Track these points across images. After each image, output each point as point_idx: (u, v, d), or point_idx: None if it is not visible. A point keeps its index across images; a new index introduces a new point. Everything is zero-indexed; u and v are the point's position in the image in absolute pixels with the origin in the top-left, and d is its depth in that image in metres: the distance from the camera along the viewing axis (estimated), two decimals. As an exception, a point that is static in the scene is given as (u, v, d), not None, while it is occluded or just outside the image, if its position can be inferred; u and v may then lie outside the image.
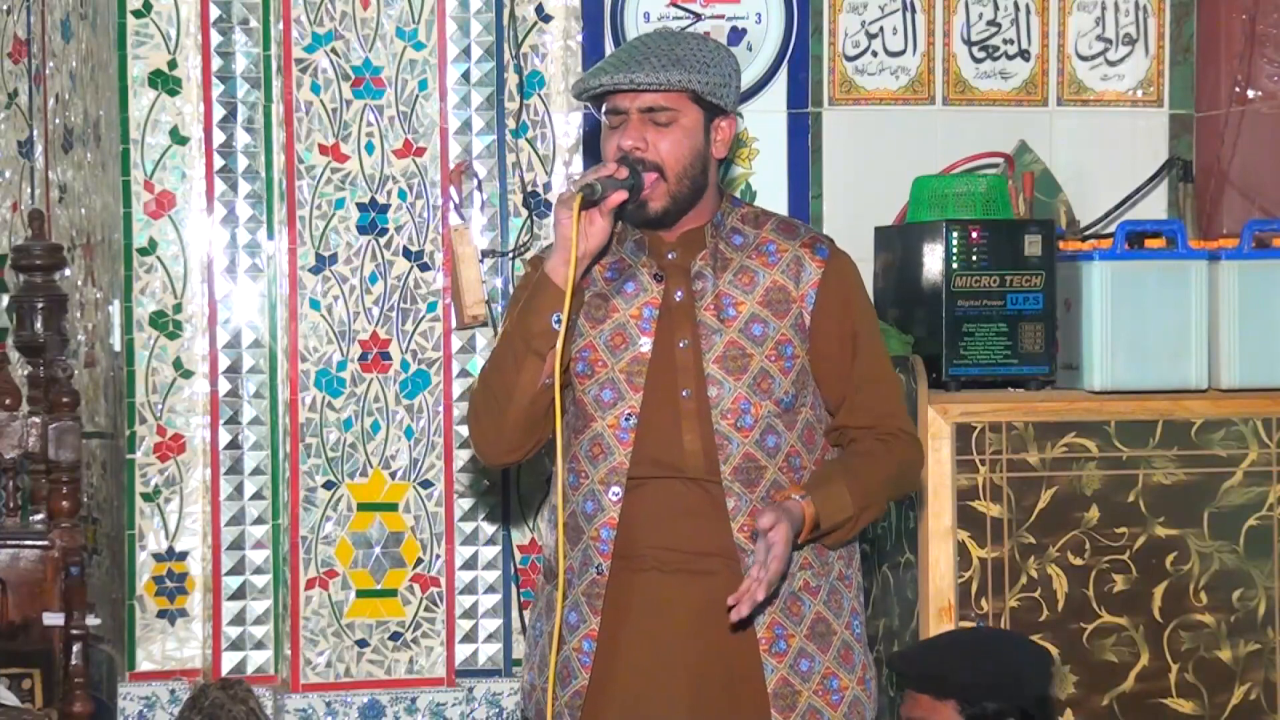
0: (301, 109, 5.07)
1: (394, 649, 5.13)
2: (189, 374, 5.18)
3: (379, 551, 5.12)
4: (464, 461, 5.19)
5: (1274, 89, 5.37)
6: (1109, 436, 4.73)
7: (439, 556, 5.14)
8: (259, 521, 5.15)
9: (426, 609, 5.14)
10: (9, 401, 4.82)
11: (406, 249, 5.12)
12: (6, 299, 5.74)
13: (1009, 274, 4.77)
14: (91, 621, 4.75)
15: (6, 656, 4.70)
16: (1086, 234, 5.27)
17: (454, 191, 5.17)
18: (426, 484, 5.13)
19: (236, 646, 5.15)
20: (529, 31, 5.25)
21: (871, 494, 3.52)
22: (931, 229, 4.80)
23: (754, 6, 5.33)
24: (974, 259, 4.75)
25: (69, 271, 5.67)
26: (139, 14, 5.14)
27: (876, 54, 5.40)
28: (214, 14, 5.11)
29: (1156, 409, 4.76)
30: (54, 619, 4.67)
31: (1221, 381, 4.80)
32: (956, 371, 4.75)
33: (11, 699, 4.60)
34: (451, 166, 5.16)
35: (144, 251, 5.16)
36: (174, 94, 5.16)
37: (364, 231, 5.11)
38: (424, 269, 5.13)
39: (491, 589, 5.22)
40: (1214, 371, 4.80)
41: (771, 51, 5.32)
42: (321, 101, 5.08)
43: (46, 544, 4.71)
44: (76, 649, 4.67)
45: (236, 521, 5.14)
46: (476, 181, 5.21)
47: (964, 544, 4.66)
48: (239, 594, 5.15)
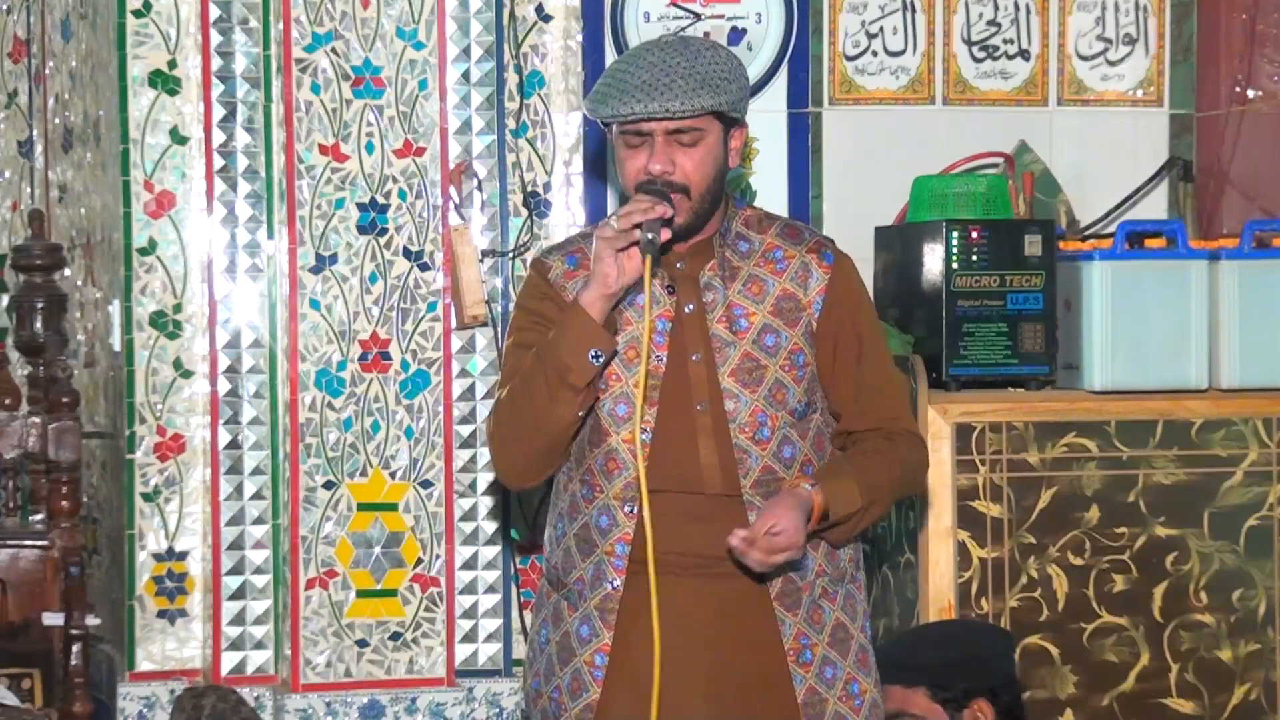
0: (301, 109, 5.07)
1: (394, 649, 5.12)
2: (189, 374, 5.17)
3: (379, 551, 5.12)
4: (464, 461, 5.19)
5: (1274, 89, 5.37)
6: (1109, 436, 4.72)
7: (439, 556, 5.14)
8: (259, 521, 5.15)
9: (426, 609, 5.13)
10: (9, 401, 4.81)
11: (406, 249, 5.12)
12: (6, 299, 5.73)
13: (1009, 274, 4.77)
14: (91, 621, 4.73)
15: (6, 656, 4.69)
16: (1086, 234, 5.27)
17: (454, 191, 5.16)
18: (426, 484, 5.13)
19: (236, 646, 5.15)
20: (529, 31, 5.25)
21: (878, 490, 3.50)
22: (931, 229, 4.80)
23: (754, 6, 5.32)
24: (974, 259, 4.75)
25: (69, 271, 5.67)
26: (139, 14, 5.14)
27: (876, 54, 5.40)
28: (214, 14, 5.10)
29: (1156, 409, 4.76)
30: (54, 619, 4.67)
31: (1221, 381, 4.80)
32: (956, 371, 4.75)
33: (11, 699, 4.60)
34: (451, 166, 5.16)
35: (144, 251, 5.16)
36: (174, 94, 5.16)
37: (364, 231, 5.10)
38: (424, 269, 5.12)
39: (491, 589, 5.22)
40: (1214, 371, 4.80)
41: (771, 51, 5.32)
42: (321, 101, 5.08)
43: (46, 544, 4.71)
44: (76, 649, 4.66)
45: (236, 521, 5.14)
46: (476, 181, 5.20)
47: (964, 544, 4.66)
48: (239, 594, 5.15)
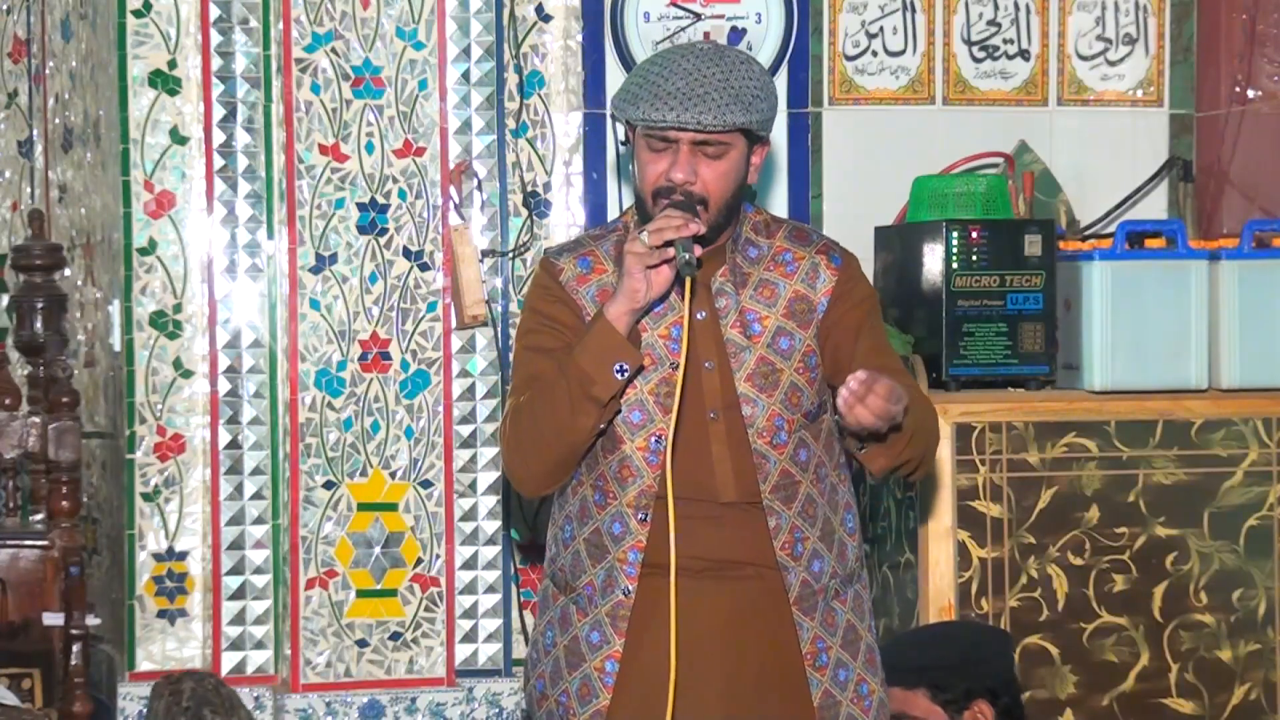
0: (301, 109, 5.07)
1: (394, 649, 5.12)
2: (189, 374, 5.18)
3: (379, 551, 5.12)
4: (464, 461, 5.19)
5: (1274, 89, 5.37)
6: (1109, 436, 4.72)
7: (439, 556, 5.14)
8: (259, 521, 5.15)
9: (426, 609, 5.13)
10: (9, 401, 4.81)
11: (406, 249, 5.12)
12: (6, 299, 5.73)
13: (1009, 274, 4.77)
14: (91, 621, 4.73)
15: (6, 656, 4.69)
16: (1086, 234, 5.27)
17: (454, 191, 5.17)
18: (426, 484, 5.13)
19: (236, 646, 5.15)
20: (529, 31, 5.25)
21: (913, 420, 3.41)
22: (931, 229, 4.80)
23: (754, 6, 5.32)
24: (974, 259, 4.75)
25: (69, 271, 5.67)
26: (139, 14, 5.14)
27: (876, 54, 5.40)
28: (214, 14, 5.11)
29: (1156, 409, 4.76)
30: (54, 619, 4.66)
31: (1221, 381, 4.80)
32: (956, 371, 4.75)
33: (11, 699, 4.60)
34: (451, 166, 5.16)
35: (144, 251, 5.16)
36: (174, 94, 5.16)
37: (364, 231, 5.11)
38: (424, 269, 5.12)
39: (491, 589, 5.22)
40: (1214, 371, 4.80)
41: (771, 51, 5.32)
42: (321, 101, 5.08)
43: (46, 544, 4.70)
44: (76, 649, 4.66)
45: (236, 521, 5.14)
46: (476, 181, 5.20)
47: (964, 544, 4.66)
48: (239, 594, 5.15)
